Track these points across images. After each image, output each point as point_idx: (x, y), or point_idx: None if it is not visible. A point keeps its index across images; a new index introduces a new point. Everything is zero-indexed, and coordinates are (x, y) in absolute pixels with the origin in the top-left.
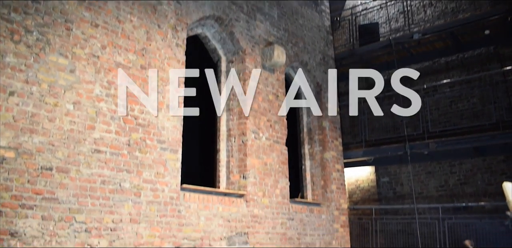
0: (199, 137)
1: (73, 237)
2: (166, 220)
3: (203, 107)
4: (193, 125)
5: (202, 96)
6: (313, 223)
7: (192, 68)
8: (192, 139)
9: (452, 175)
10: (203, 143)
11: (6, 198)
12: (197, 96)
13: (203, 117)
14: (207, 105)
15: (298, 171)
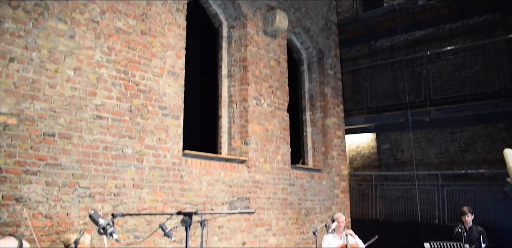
0: (201, 103)
1: (77, 202)
2: (168, 185)
3: (205, 73)
4: (195, 91)
5: (203, 62)
6: (314, 189)
7: (193, 34)
8: (193, 105)
9: (452, 142)
10: (205, 110)
11: (10, 164)
12: (198, 62)
13: (205, 83)
14: (209, 71)
15: (299, 138)
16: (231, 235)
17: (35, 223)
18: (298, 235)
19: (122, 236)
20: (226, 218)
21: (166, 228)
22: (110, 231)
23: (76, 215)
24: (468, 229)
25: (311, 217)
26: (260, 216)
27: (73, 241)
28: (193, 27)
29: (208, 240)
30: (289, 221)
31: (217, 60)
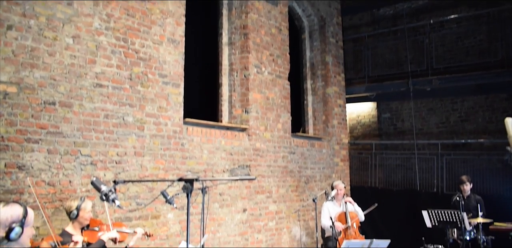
0: (201, 71)
1: (79, 169)
2: (169, 153)
3: (205, 41)
4: (195, 59)
5: (204, 29)
6: (314, 157)
7: (193, 0)
8: (194, 73)
9: (453, 112)
10: (205, 78)
11: (11, 133)
12: (198, 29)
13: (205, 51)
14: (209, 38)
15: (300, 106)
16: (232, 202)
17: (38, 191)
18: (298, 202)
19: (124, 203)
20: (227, 186)
21: (168, 195)
22: (112, 198)
23: (79, 183)
24: (466, 198)
25: (311, 184)
26: (260, 184)
27: (74, 208)
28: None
29: (209, 206)
30: (289, 188)
31: (218, 27)
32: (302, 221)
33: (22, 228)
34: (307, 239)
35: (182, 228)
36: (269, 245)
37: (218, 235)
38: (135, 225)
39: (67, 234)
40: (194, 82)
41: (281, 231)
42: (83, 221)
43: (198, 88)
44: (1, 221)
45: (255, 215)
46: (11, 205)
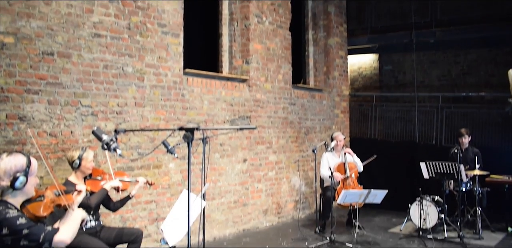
0: (201, 21)
1: (80, 120)
2: (170, 104)
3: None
4: (195, 8)
5: None
6: (314, 108)
7: None
8: (193, 23)
9: (455, 65)
10: (205, 28)
11: (10, 84)
12: None
13: (205, 0)
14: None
15: (301, 57)
16: (233, 152)
17: (40, 141)
18: (297, 153)
19: (126, 153)
20: (227, 136)
21: (169, 144)
22: (114, 147)
23: (80, 133)
24: (464, 150)
25: (310, 136)
26: (260, 134)
27: (76, 158)
28: None
29: (210, 156)
30: (289, 139)
31: None
32: (302, 171)
33: (26, 177)
34: (306, 189)
35: (183, 177)
36: (269, 194)
37: (219, 184)
38: (137, 174)
39: (70, 183)
40: (194, 32)
41: (281, 181)
42: (85, 171)
43: (198, 38)
44: (6, 171)
45: (255, 165)
46: (14, 155)
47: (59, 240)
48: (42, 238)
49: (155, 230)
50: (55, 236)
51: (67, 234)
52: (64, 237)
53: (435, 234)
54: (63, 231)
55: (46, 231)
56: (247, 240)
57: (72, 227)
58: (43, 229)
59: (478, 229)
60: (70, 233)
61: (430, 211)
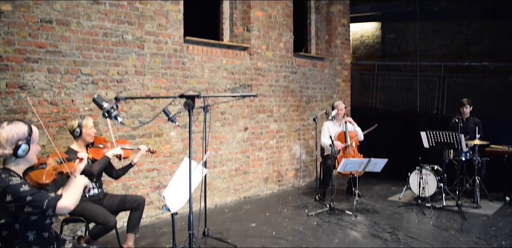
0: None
1: (81, 89)
2: (170, 72)
3: None
4: None
5: None
6: (316, 77)
7: None
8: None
9: (459, 34)
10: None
11: (10, 52)
12: None
13: None
14: None
15: (303, 25)
16: (234, 121)
17: (42, 110)
18: (298, 121)
19: (127, 122)
20: (228, 104)
21: (170, 113)
22: (115, 114)
23: (81, 102)
24: (465, 120)
25: (311, 104)
26: (262, 103)
27: (77, 126)
28: None
29: (211, 125)
30: (290, 108)
31: None
32: (302, 140)
33: (28, 145)
34: (307, 157)
35: (185, 145)
36: (269, 162)
37: (220, 152)
38: (139, 142)
39: (72, 151)
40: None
41: (282, 149)
42: (87, 138)
43: (198, 5)
44: (8, 139)
45: (256, 134)
46: (15, 123)
47: (63, 206)
48: (45, 205)
49: (157, 197)
50: (58, 202)
51: (70, 200)
52: (67, 203)
53: (434, 203)
54: (66, 197)
55: (50, 198)
56: (248, 207)
57: (75, 193)
58: (46, 195)
59: (476, 198)
60: (73, 199)
61: (429, 180)
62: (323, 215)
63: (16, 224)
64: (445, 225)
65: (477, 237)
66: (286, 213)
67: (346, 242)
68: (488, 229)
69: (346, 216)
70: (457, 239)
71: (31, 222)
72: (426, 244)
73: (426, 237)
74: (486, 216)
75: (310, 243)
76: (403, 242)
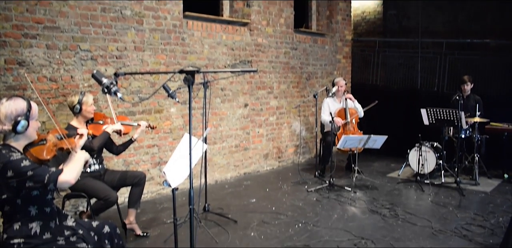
0: None
1: (80, 65)
2: (170, 48)
3: None
4: None
5: None
6: (316, 53)
7: None
8: None
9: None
10: None
11: (7, 28)
12: None
13: None
14: None
15: (304, 0)
16: (234, 97)
17: (41, 87)
18: (298, 98)
19: (127, 98)
20: (228, 81)
21: (170, 89)
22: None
23: (80, 78)
24: (466, 98)
25: (312, 81)
26: (262, 79)
27: (76, 102)
28: None
29: (211, 101)
30: (291, 84)
31: None
32: (302, 116)
33: (27, 121)
34: (307, 134)
35: (185, 122)
36: (269, 139)
37: (220, 129)
38: (139, 119)
39: (72, 127)
40: None
41: (282, 125)
42: (87, 115)
43: None
44: (7, 115)
45: (256, 110)
46: (14, 99)
47: (64, 180)
48: (46, 179)
49: (158, 173)
50: (59, 176)
51: (71, 174)
52: (69, 177)
53: (432, 180)
54: (67, 171)
55: (51, 172)
56: (248, 183)
57: (76, 167)
58: (47, 170)
59: (475, 175)
60: (74, 173)
61: (429, 157)
62: (323, 191)
63: (18, 199)
64: (443, 201)
65: (475, 213)
66: (285, 189)
67: (345, 218)
68: (486, 206)
69: (345, 192)
70: (455, 215)
71: (32, 197)
72: (424, 220)
73: (424, 213)
74: (484, 193)
75: (310, 218)
76: (401, 218)
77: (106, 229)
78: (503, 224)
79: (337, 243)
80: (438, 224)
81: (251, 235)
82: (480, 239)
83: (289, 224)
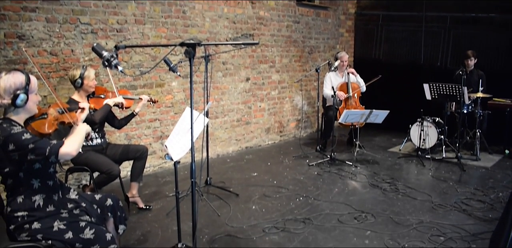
0: None
1: (80, 38)
2: (171, 21)
3: None
4: None
5: None
6: (319, 27)
7: None
8: None
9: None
10: None
11: (6, 1)
12: None
13: None
14: None
15: None
16: (235, 71)
17: (41, 60)
18: (300, 72)
19: (128, 71)
20: (230, 55)
21: (171, 62)
22: (115, 63)
23: (81, 52)
24: (469, 73)
25: (314, 55)
26: (263, 53)
27: (78, 76)
28: None
29: (212, 75)
30: (293, 58)
31: None
32: (304, 90)
33: (26, 94)
34: (308, 108)
35: (186, 96)
36: (271, 113)
37: (222, 103)
38: (140, 93)
39: (74, 101)
40: None
41: (283, 100)
42: (88, 89)
43: None
44: (5, 89)
45: (258, 84)
46: (13, 73)
47: (65, 152)
48: (48, 151)
49: (160, 147)
50: (60, 148)
51: (72, 146)
52: (70, 149)
53: (433, 155)
54: (68, 143)
55: (52, 144)
56: (249, 157)
57: (77, 139)
58: (48, 142)
59: (476, 151)
60: (75, 145)
61: (430, 132)
62: (324, 165)
63: (21, 172)
64: (443, 176)
65: (475, 188)
66: (287, 163)
67: (346, 192)
68: (486, 181)
69: (346, 166)
70: (455, 190)
71: (35, 170)
72: (424, 194)
73: (424, 188)
74: (484, 168)
75: (311, 192)
76: (401, 192)
77: (108, 202)
78: (503, 199)
79: (338, 216)
80: (438, 199)
81: (253, 208)
82: (479, 214)
83: (290, 198)
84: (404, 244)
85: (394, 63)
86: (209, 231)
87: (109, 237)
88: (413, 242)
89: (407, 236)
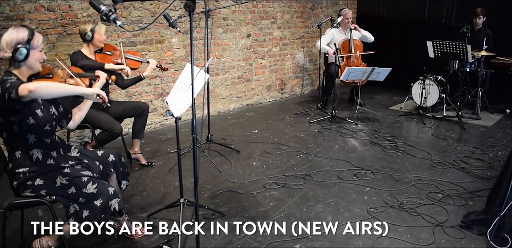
0: None
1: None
2: None
3: None
4: None
5: None
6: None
7: None
8: None
9: None
10: None
11: None
12: None
13: None
14: None
15: None
16: (236, 27)
17: (39, 16)
18: (302, 28)
19: (127, 27)
20: (230, 10)
21: (171, 18)
22: (113, 18)
23: (79, 7)
24: (476, 31)
25: (316, 11)
26: (265, 9)
27: (89, 30)
28: None
29: (213, 31)
30: (294, 14)
31: None
32: (306, 47)
33: (27, 49)
34: (310, 66)
35: (187, 52)
36: (272, 70)
37: (223, 59)
38: (140, 49)
39: (81, 54)
40: None
41: (285, 57)
42: (98, 44)
43: None
44: (7, 42)
45: (259, 41)
46: (18, 28)
47: (24, 87)
48: (12, 86)
49: (161, 104)
50: (22, 84)
51: (36, 84)
52: (31, 86)
53: (434, 113)
54: (35, 82)
55: (19, 81)
56: (250, 115)
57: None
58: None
59: (477, 110)
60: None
61: (432, 90)
62: (325, 122)
63: (14, 126)
64: (444, 134)
65: (474, 147)
66: (288, 120)
67: (346, 149)
68: (486, 140)
69: (347, 124)
70: (454, 148)
71: (28, 125)
72: (423, 152)
73: (424, 146)
74: (485, 127)
75: (311, 149)
76: (401, 150)
77: (111, 158)
78: (502, 158)
79: (337, 173)
80: (437, 157)
81: (253, 164)
82: (477, 172)
83: (290, 155)
84: (403, 200)
85: (398, 19)
86: (211, 187)
87: (112, 191)
88: (411, 199)
89: (406, 192)
